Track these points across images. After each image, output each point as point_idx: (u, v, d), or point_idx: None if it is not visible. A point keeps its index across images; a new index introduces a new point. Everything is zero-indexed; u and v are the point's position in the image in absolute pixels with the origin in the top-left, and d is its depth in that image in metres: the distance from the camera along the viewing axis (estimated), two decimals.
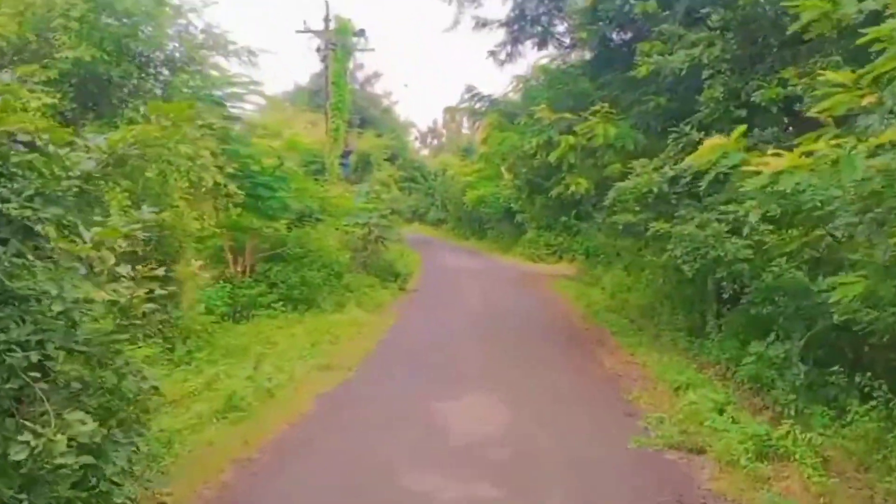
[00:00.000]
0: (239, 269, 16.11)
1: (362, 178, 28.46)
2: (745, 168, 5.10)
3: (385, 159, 38.39)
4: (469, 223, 47.94)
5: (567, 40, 15.49)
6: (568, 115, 12.39)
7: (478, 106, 14.73)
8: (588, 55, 14.99)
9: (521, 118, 13.56)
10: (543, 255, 34.00)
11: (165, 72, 10.66)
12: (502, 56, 15.68)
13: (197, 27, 11.11)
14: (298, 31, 24.95)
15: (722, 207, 9.09)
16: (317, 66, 46.80)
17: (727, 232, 8.79)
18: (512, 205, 36.06)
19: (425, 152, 78.07)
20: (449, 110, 15.17)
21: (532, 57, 16.23)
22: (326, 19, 24.64)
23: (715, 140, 5.31)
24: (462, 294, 20.50)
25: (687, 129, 10.05)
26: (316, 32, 24.80)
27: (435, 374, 10.73)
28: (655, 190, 9.39)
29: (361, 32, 25.97)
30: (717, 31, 10.00)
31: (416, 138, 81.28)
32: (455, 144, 64.30)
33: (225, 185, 11.50)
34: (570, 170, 12.74)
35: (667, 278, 18.22)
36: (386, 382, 10.18)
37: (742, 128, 5.28)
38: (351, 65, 46.99)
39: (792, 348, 9.22)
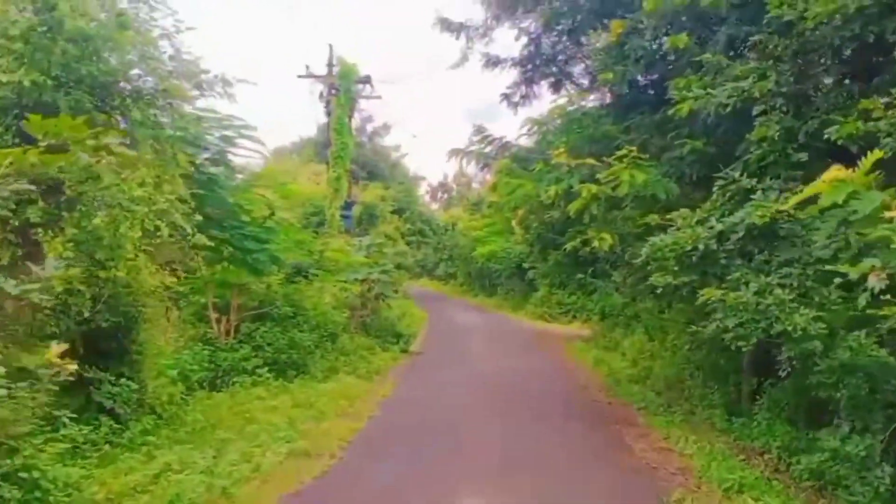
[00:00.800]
0: (222, 329, 14.51)
1: (366, 231, 27.02)
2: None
3: (392, 212, 37.07)
4: (478, 279, 46.42)
5: (585, 82, 14.11)
6: (590, 161, 10.86)
7: (488, 150, 13.27)
8: (609, 98, 13.56)
9: (536, 164, 12.05)
10: (556, 314, 32.29)
11: (129, 104, 9.14)
12: (516, 98, 14.30)
13: (166, 53, 9.61)
14: (300, 76, 23.86)
15: (785, 270, 7.42)
16: (323, 116, 46.02)
17: (793, 300, 7.11)
18: (523, 261, 34.52)
19: (435, 206, 77.27)
20: (456, 152, 13.82)
21: (547, 99, 14.75)
22: (330, 64, 23.52)
23: (835, 172, 3.70)
24: (470, 358, 18.74)
25: (735, 174, 8.45)
26: (318, 77, 23.67)
27: (435, 465, 8.95)
28: (702, 247, 7.75)
29: (367, 79, 24.81)
30: (770, 62, 8.51)
31: (427, 192, 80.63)
32: (466, 199, 63.17)
33: (192, 235, 9.91)
34: (592, 223, 11.14)
35: (694, 345, 16.57)
36: (372, 476, 8.38)
37: (876, 154, 3.64)
38: (357, 117, 46.24)
39: (874, 444, 7.47)
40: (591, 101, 13.42)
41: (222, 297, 14.85)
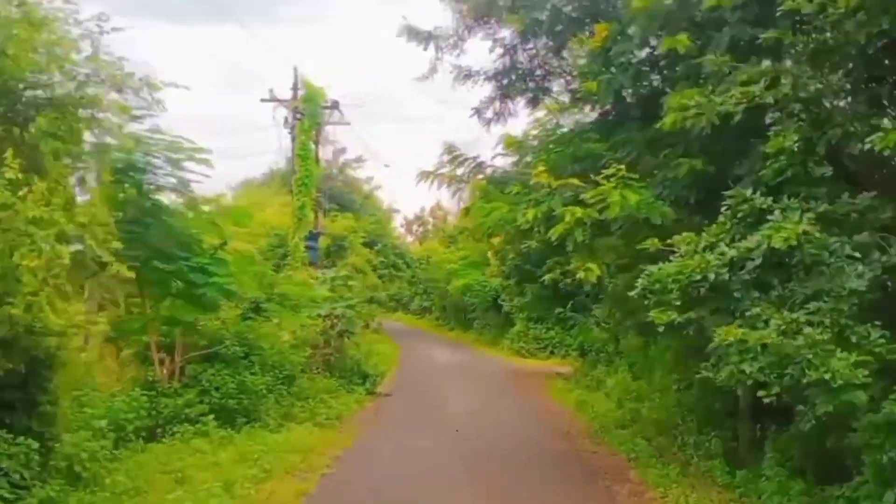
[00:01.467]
0: (166, 371, 12.97)
1: (334, 264, 25.63)
2: None
3: (363, 244, 35.64)
4: (454, 313, 45.00)
5: (566, 99, 12.88)
6: (574, 181, 9.60)
7: (460, 171, 11.96)
8: (591, 115, 12.37)
9: (513, 186, 10.76)
10: (533, 349, 30.94)
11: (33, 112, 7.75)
12: (489, 114, 13.03)
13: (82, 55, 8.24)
14: (263, 101, 22.56)
15: (813, 304, 6.15)
16: (290, 144, 44.67)
17: (828, 341, 5.82)
18: (499, 294, 33.23)
19: (411, 240, 75.83)
20: (425, 175, 12.57)
21: (524, 117, 13.48)
22: (295, 87, 22.25)
23: None
24: (441, 401, 17.27)
25: (747, 192, 7.20)
26: (281, 101, 22.38)
27: None
28: (712, 277, 6.46)
29: (335, 105, 23.60)
30: (786, 63, 7.36)
31: (402, 226, 79.19)
32: (441, 231, 61.96)
33: (110, 265, 8.45)
34: (576, 251, 9.84)
35: (684, 385, 15.29)
36: None
37: None
38: (329, 148, 44.99)
39: None
40: (573, 118, 12.18)
41: (169, 336, 13.36)
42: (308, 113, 21.59)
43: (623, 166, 9.19)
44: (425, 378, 21.84)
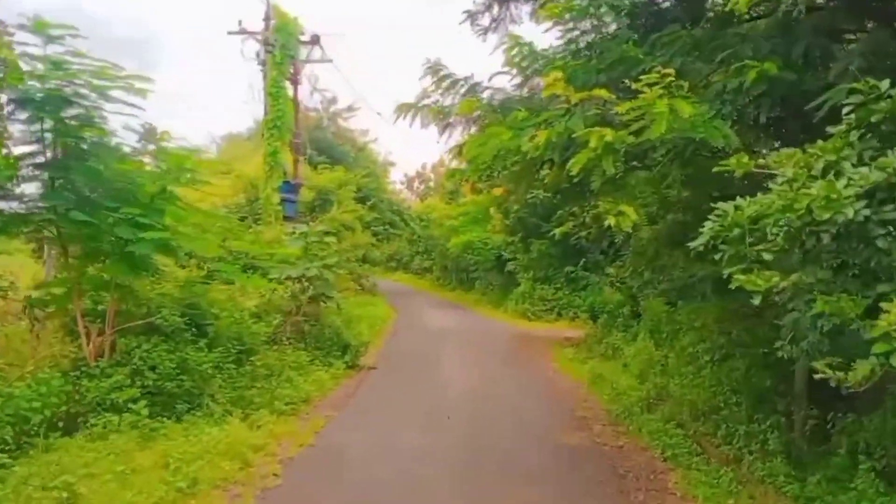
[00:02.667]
0: (92, 347, 10.56)
1: (319, 220, 23.07)
2: None
3: (355, 199, 33.02)
4: (455, 273, 42.54)
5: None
6: (601, 93, 6.96)
7: (449, 100, 9.29)
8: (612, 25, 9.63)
9: (516, 112, 8.11)
10: (539, 311, 28.49)
11: None
12: (485, 20, 10.25)
13: None
14: (231, 33, 19.70)
15: None
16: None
17: None
18: (503, 252, 30.70)
19: (412, 197, 72.91)
20: (404, 108, 9.70)
21: (529, 27, 10.59)
22: (267, 17, 19.41)
23: None
24: (434, 375, 14.83)
25: (883, 85, 4.57)
26: (251, 33, 19.59)
27: None
28: (850, 214, 3.88)
29: (315, 39, 20.77)
30: None
31: (403, 183, 76.33)
32: (442, 188, 59.16)
33: None
34: (604, 190, 7.26)
35: (720, 357, 12.90)
36: None
37: None
38: (318, 97, 42.03)
39: None
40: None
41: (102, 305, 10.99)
42: (280, 45, 18.77)
43: (672, 71, 6.56)
44: (419, 346, 19.42)
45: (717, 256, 4.92)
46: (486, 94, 9.50)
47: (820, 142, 4.79)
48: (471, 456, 8.99)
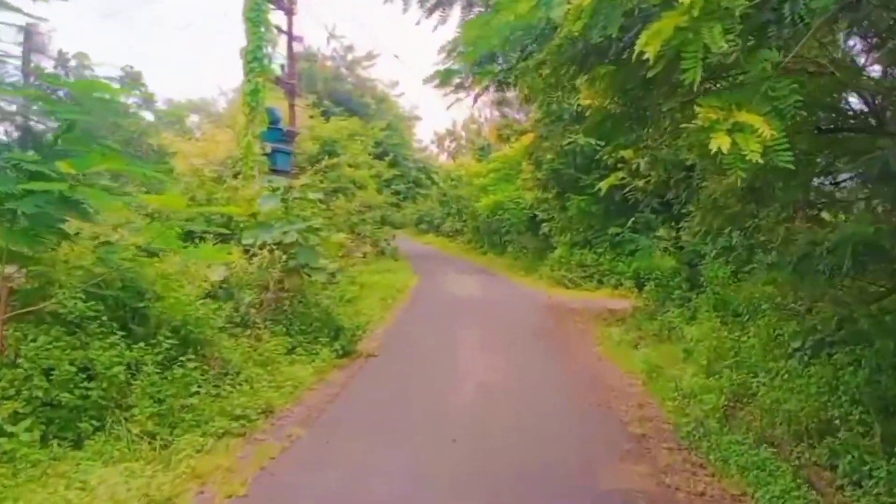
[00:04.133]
0: None
1: (323, 173, 20.07)
2: None
3: (374, 155, 29.90)
4: (487, 235, 39.39)
5: None
6: None
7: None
8: None
9: None
10: (577, 278, 25.29)
11: None
12: None
13: None
14: None
15: None
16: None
17: None
18: (537, 211, 27.39)
19: (443, 157, 69.57)
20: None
21: None
22: None
23: None
24: (447, 369, 11.77)
25: None
26: None
27: None
28: None
29: None
30: None
31: (433, 141, 72.91)
32: (472, 144, 55.71)
33: None
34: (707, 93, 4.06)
35: (809, 345, 9.79)
36: None
37: None
38: (333, 44, 38.53)
39: None
40: None
41: None
42: None
43: None
44: (435, 323, 16.43)
45: None
46: None
47: None
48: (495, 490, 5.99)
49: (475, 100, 6.95)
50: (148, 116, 38.97)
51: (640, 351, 12.93)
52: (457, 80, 6.58)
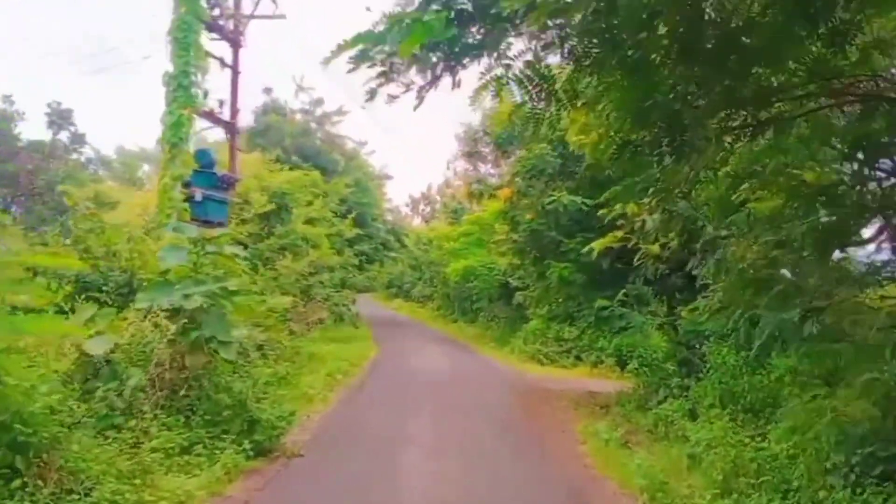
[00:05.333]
0: None
1: (268, 231, 17.62)
2: None
3: (336, 214, 27.55)
4: (458, 302, 36.95)
5: None
6: None
7: None
8: None
9: None
10: (553, 353, 22.82)
11: None
12: None
13: None
14: None
15: None
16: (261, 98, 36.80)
17: None
18: (510, 279, 25.02)
19: (417, 221, 67.68)
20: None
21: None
22: None
23: None
24: (396, 475, 9.10)
25: None
26: None
27: None
28: None
29: None
30: None
31: (408, 205, 71.22)
32: (445, 206, 53.70)
33: None
34: None
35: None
36: None
37: None
38: (300, 98, 36.63)
39: None
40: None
41: None
42: None
43: None
44: (384, 409, 13.77)
45: None
46: None
47: None
48: None
49: (420, 95, 4.59)
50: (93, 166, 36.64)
51: (635, 455, 10.35)
52: (380, 57, 4.24)
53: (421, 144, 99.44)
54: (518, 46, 4.44)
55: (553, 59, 4.57)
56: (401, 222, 51.34)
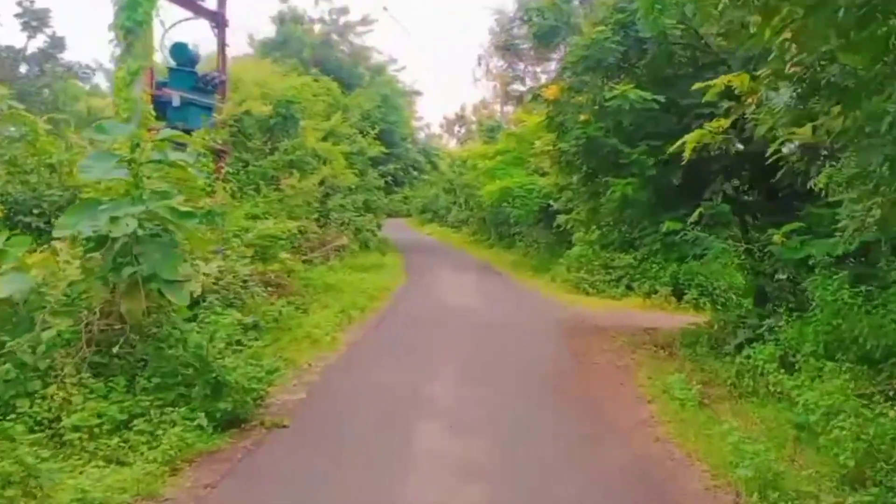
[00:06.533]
0: None
1: (273, 147, 15.13)
2: None
3: (359, 131, 24.89)
4: (495, 226, 34.46)
5: None
6: None
7: None
8: None
9: None
10: (600, 282, 20.38)
11: None
12: None
13: None
14: None
15: None
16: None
17: None
18: (551, 201, 22.26)
19: (452, 144, 64.70)
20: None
21: None
22: None
23: None
24: (404, 452, 6.80)
25: None
26: None
27: None
28: None
29: None
30: None
31: (441, 126, 68.21)
32: (480, 125, 50.52)
33: None
34: None
35: None
36: None
37: None
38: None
39: None
40: None
41: None
42: None
43: None
44: (401, 357, 11.44)
45: None
46: None
47: None
48: None
49: None
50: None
51: (721, 421, 7.79)
52: None
53: (456, 63, 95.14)
54: None
55: None
56: (434, 143, 48.35)
